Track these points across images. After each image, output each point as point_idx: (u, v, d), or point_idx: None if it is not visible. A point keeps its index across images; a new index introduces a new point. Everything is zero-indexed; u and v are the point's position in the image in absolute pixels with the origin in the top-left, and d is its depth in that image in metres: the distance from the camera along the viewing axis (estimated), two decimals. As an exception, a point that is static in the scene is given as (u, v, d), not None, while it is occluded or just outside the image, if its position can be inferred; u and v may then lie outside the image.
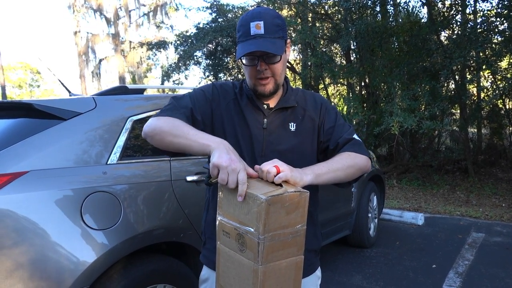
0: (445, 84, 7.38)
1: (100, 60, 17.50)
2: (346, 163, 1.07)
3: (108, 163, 1.70)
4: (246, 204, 0.86)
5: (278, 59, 1.07)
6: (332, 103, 9.50)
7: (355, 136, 1.16)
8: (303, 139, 1.16)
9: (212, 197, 1.21)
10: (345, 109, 8.35)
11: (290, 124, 1.15)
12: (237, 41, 1.09)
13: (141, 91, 2.24)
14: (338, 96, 10.22)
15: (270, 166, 0.91)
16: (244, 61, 1.09)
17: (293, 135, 1.15)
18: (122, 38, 17.33)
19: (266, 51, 1.02)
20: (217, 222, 0.97)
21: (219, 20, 9.21)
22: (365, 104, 7.72)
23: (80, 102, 1.77)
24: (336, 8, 7.85)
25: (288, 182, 0.91)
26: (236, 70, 10.51)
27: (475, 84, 7.10)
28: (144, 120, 1.92)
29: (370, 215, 3.71)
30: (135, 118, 1.88)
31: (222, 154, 0.89)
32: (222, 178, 0.87)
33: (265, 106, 1.15)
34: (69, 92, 2.43)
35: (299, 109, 1.18)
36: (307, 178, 0.95)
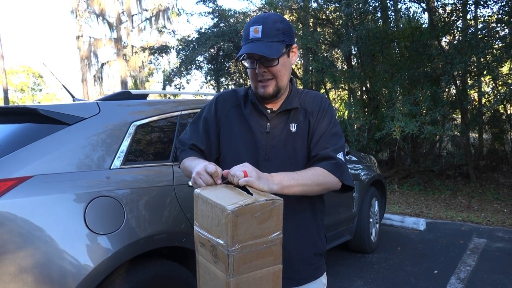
0: (446, 89, 7.39)
1: (102, 64, 17.58)
2: (316, 181, 1.05)
3: (111, 167, 1.71)
4: (216, 215, 0.84)
5: (276, 62, 1.08)
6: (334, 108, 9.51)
7: (339, 155, 1.12)
8: (302, 140, 1.16)
9: None
10: (346, 114, 8.37)
11: (291, 125, 1.16)
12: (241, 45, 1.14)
13: (144, 96, 2.25)
14: (339, 101, 10.25)
15: (239, 171, 0.93)
16: (245, 64, 1.13)
17: (294, 136, 1.15)
18: (124, 43, 17.42)
19: (258, 54, 1.04)
20: (194, 233, 0.97)
21: (221, 25, 9.27)
22: (366, 109, 7.74)
23: (84, 107, 1.79)
24: (337, 13, 7.90)
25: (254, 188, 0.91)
26: (237, 75, 10.55)
27: (476, 90, 7.12)
28: (147, 125, 1.94)
29: (371, 220, 3.71)
30: (138, 123, 1.89)
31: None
32: (199, 183, 0.98)
33: (269, 111, 1.17)
34: (73, 97, 2.45)
35: (301, 109, 1.19)
36: (273, 188, 0.95)
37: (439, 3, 6.74)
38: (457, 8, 6.44)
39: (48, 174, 1.52)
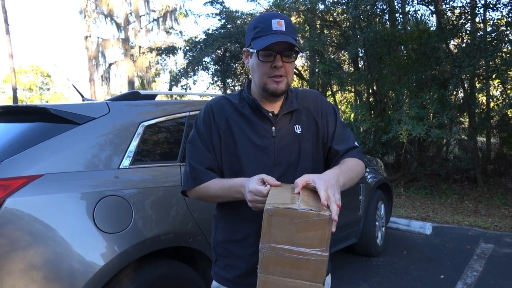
0: (454, 93, 7.34)
1: (110, 65, 17.71)
2: (358, 171, 1.13)
3: (120, 167, 1.72)
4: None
5: (294, 58, 1.09)
6: (340, 110, 9.49)
7: (356, 143, 1.21)
8: (309, 140, 1.17)
9: (220, 216, 1.22)
10: (352, 116, 8.34)
11: (295, 127, 1.16)
12: (253, 37, 1.07)
13: (152, 96, 2.27)
14: (346, 103, 10.22)
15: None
16: (260, 57, 1.07)
17: (300, 138, 1.16)
18: (132, 43, 17.54)
19: (291, 43, 1.04)
20: None
21: (228, 26, 9.29)
22: (372, 112, 7.71)
23: (94, 107, 1.81)
24: (345, 15, 7.89)
25: (324, 197, 0.86)
26: (244, 76, 10.57)
27: (485, 93, 7.05)
28: (155, 125, 1.95)
29: (377, 223, 3.69)
30: (146, 123, 1.91)
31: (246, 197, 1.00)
32: (259, 206, 0.96)
33: (271, 114, 1.15)
34: (83, 96, 2.47)
35: (302, 109, 1.19)
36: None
37: (447, 6, 6.69)
38: (466, 11, 6.39)
39: (58, 173, 1.53)
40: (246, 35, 1.13)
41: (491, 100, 6.89)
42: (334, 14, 8.21)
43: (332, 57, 8.54)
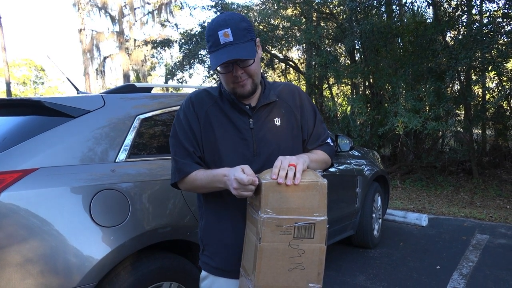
0: (450, 85, 7.34)
1: (105, 58, 17.54)
2: (324, 159, 1.28)
3: (116, 161, 1.71)
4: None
5: (252, 62, 1.10)
6: (337, 103, 9.48)
7: (328, 140, 1.33)
8: (289, 133, 1.22)
9: (205, 206, 1.25)
10: (349, 109, 8.34)
11: (275, 119, 1.20)
12: (208, 51, 1.11)
13: (148, 89, 2.25)
14: (342, 96, 10.21)
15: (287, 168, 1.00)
16: (219, 69, 1.11)
17: (280, 130, 1.20)
18: (127, 36, 17.36)
19: (240, 58, 1.05)
20: (247, 210, 1.14)
21: (224, 19, 9.19)
22: (369, 104, 7.71)
23: (89, 100, 1.78)
24: (341, 7, 7.84)
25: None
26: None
27: (481, 85, 7.06)
28: (151, 118, 1.94)
29: (374, 215, 3.71)
30: (142, 116, 1.89)
31: (229, 187, 1.04)
32: (242, 194, 1.02)
33: (248, 107, 1.19)
34: (77, 89, 2.44)
35: (281, 103, 1.23)
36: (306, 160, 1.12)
37: (444, -3, 6.67)
38: (462, 2, 6.37)
39: (54, 166, 1.52)
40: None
41: (487, 92, 6.91)
42: (331, 6, 8.15)
43: (328, 49, 8.49)
